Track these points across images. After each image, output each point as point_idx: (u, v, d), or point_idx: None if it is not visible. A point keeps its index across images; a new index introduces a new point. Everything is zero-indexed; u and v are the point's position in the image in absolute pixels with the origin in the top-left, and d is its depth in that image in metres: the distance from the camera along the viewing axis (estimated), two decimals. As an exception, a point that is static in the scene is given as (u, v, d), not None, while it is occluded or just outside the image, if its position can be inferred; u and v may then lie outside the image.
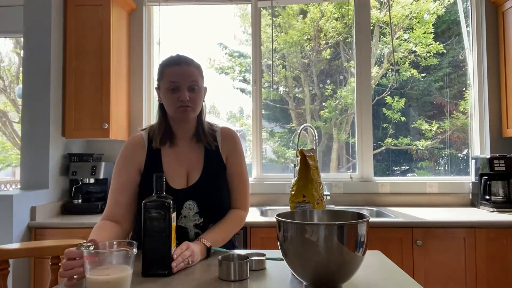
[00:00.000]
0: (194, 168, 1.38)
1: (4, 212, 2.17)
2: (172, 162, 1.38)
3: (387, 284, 1.02)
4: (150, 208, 1.08)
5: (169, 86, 1.32)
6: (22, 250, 1.39)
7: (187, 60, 1.36)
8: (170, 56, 1.38)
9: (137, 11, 3.01)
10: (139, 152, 1.38)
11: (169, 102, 1.33)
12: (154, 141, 1.38)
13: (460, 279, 2.17)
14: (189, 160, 1.39)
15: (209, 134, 1.42)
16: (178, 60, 1.34)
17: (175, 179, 1.35)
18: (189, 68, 1.33)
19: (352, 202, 2.83)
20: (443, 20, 3.26)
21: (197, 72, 1.36)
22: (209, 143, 1.41)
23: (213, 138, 1.43)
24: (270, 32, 3.08)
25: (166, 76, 1.33)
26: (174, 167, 1.37)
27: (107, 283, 0.87)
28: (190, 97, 1.32)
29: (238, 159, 1.45)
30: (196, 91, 1.34)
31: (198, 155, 1.40)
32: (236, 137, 1.48)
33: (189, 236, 1.33)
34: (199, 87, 1.35)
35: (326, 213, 1.07)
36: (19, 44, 5.27)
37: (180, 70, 1.32)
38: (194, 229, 1.34)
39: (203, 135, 1.41)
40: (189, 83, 1.32)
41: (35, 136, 2.47)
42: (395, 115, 3.16)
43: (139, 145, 1.40)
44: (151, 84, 3.07)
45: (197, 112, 1.38)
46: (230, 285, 1.01)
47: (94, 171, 2.61)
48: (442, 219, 2.24)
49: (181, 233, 1.32)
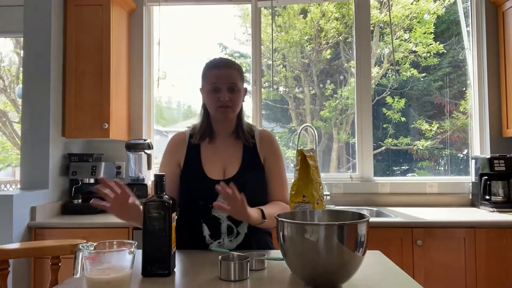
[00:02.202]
0: (232, 162, 1.45)
1: (4, 212, 2.17)
2: (210, 156, 1.46)
3: (387, 284, 1.02)
4: (150, 208, 1.08)
5: (210, 88, 1.41)
6: (22, 250, 1.39)
7: (228, 62, 1.45)
8: (213, 59, 1.47)
9: (137, 11, 3.01)
10: (180, 147, 1.48)
11: (211, 102, 1.42)
12: (194, 137, 1.48)
13: (460, 279, 2.17)
14: (227, 155, 1.46)
15: (247, 132, 1.50)
16: (219, 63, 1.44)
17: (212, 171, 1.42)
18: (229, 71, 1.41)
19: (352, 202, 2.83)
20: (443, 20, 3.26)
21: (236, 74, 1.43)
22: (247, 140, 1.48)
23: (251, 136, 1.50)
24: (270, 32, 3.08)
25: (208, 78, 1.42)
26: (212, 160, 1.45)
27: (107, 283, 0.87)
28: (230, 98, 1.39)
29: (277, 161, 1.50)
30: (235, 91, 1.42)
31: (237, 151, 1.47)
32: (274, 139, 1.55)
33: (221, 228, 1.38)
34: (238, 88, 1.43)
35: (326, 213, 1.07)
36: (19, 44, 5.27)
37: (221, 72, 1.40)
38: (226, 221, 1.38)
39: (241, 133, 1.48)
40: (228, 84, 1.40)
41: (35, 136, 2.47)
42: (395, 115, 3.16)
43: (181, 141, 1.50)
44: (151, 84, 3.07)
45: (236, 112, 1.45)
46: (230, 285, 1.01)
47: (94, 171, 2.61)
48: (442, 219, 2.24)
49: (214, 223, 1.38)
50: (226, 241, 1.38)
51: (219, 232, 1.37)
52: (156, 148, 3.11)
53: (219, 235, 1.38)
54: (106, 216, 2.47)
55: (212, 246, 1.37)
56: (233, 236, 1.38)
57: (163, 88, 3.16)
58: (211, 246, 1.37)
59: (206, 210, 1.37)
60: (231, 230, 1.38)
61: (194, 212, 1.39)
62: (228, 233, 1.38)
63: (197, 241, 1.39)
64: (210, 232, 1.36)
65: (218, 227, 1.38)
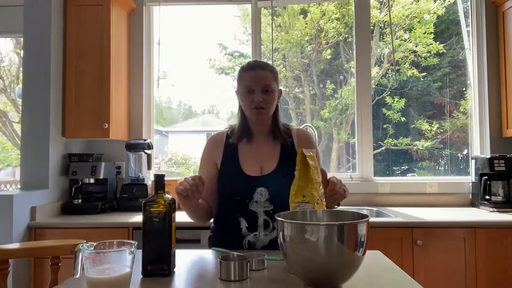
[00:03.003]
0: (269, 160, 1.48)
1: (4, 212, 2.17)
2: (248, 155, 1.50)
3: (387, 284, 1.02)
4: (150, 208, 1.08)
5: (244, 89, 1.45)
6: (22, 250, 1.39)
7: (262, 64, 1.49)
8: (248, 62, 1.52)
9: (137, 11, 3.01)
10: (217, 147, 1.53)
11: (245, 103, 1.46)
12: (233, 137, 1.52)
13: (460, 279, 2.16)
14: (264, 154, 1.50)
15: (284, 132, 1.53)
16: (253, 65, 1.48)
17: (249, 169, 1.46)
18: (263, 72, 1.45)
19: (352, 202, 2.83)
20: (443, 20, 3.26)
21: (270, 75, 1.46)
22: (284, 139, 1.51)
23: (288, 135, 1.53)
24: (270, 32, 3.08)
25: (242, 80, 1.47)
26: (249, 158, 1.48)
27: (107, 283, 0.87)
28: (264, 99, 1.43)
29: None
30: (269, 93, 1.45)
31: (275, 150, 1.50)
32: (312, 137, 1.59)
33: (258, 222, 1.41)
34: (272, 89, 1.46)
35: (326, 213, 1.07)
36: (19, 44, 5.27)
37: (254, 74, 1.45)
38: (263, 215, 1.41)
39: (278, 133, 1.52)
40: (262, 86, 1.43)
41: (35, 136, 2.47)
42: (395, 115, 3.16)
43: (218, 140, 1.54)
44: (151, 84, 3.07)
45: (270, 112, 1.49)
46: (230, 285, 1.01)
47: (94, 171, 2.61)
48: (442, 219, 2.24)
49: (251, 217, 1.41)
50: (261, 234, 1.40)
51: (256, 226, 1.40)
52: (156, 148, 3.11)
53: (255, 228, 1.41)
54: (106, 216, 2.47)
55: (248, 238, 1.40)
56: (268, 231, 1.40)
57: (163, 88, 3.16)
58: (246, 238, 1.40)
59: (243, 206, 1.41)
60: (268, 225, 1.40)
61: (231, 207, 1.43)
62: (265, 227, 1.40)
63: (233, 234, 1.42)
64: (247, 225, 1.40)
65: (255, 221, 1.41)
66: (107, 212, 2.65)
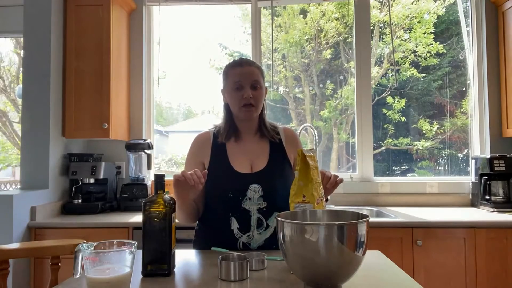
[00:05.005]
0: (259, 158, 1.46)
1: (4, 212, 2.17)
2: (237, 153, 1.47)
3: (387, 284, 1.02)
4: (150, 208, 1.08)
5: (233, 86, 1.43)
6: (22, 250, 1.39)
7: (249, 61, 1.48)
8: (233, 59, 1.51)
9: (137, 11, 3.01)
10: (204, 147, 1.49)
11: (234, 100, 1.43)
12: (220, 137, 1.49)
13: (460, 279, 2.17)
14: (253, 151, 1.48)
15: (271, 130, 1.52)
16: (240, 62, 1.47)
17: (239, 166, 1.43)
18: (251, 68, 1.44)
19: (352, 202, 2.83)
20: (443, 20, 3.26)
21: (258, 72, 1.46)
22: (272, 136, 1.50)
23: (276, 133, 1.52)
24: (270, 32, 3.08)
25: (230, 77, 1.45)
26: (239, 157, 1.46)
27: (107, 283, 0.87)
28: (253, 95, 1.41)
29: None
30: (258, 89, 1.44)
31: (264, 148, 1.49)
32: (298, 137, 1.58)
33: (251, 220, 1.37)
34: (260, 86, 1.45)
35: (326, 213, 1.07)
36: (19, 44, 5.27)
37: (243, 70, 1.43)
38: (257, 214, 1.38)
39: (265, 130, 1.50)
40: (251, 81, 1.42)
41: (35, 136, 2.47)
42: (395, 115, 3.16)
43: (205, 140, 1.51)
44: (151, 84, 3.07)
45: (259, 110, 1.47)
46: (230, 285, 1.01)
47: (94, 171, 2.61)
48: (442, 219, 2.24)
49: (244, 216, 1.38)
50: (255, 234, 1.37)
51: (248, 225, 1.37)
52: (156, 148, 3.11)
53: (248, 228, 1.37)
54: (106, 216, 2.47)
55: (242, 240, 1.37)
56: (262, 229, 1.38)
57: (163, 88, 3.16)
58: (240, 240, 1.37)
59: (235, 204, 1.37)
60: (261, 223, 1.38)
61: (222, 206, 1.39)
62: (258, 225, 1.37)
63: (225, 236, 1.37)
64: (239, 225, 1.37)
65: (248, 220, 1.37)
66: (107, 212, 2.65)
